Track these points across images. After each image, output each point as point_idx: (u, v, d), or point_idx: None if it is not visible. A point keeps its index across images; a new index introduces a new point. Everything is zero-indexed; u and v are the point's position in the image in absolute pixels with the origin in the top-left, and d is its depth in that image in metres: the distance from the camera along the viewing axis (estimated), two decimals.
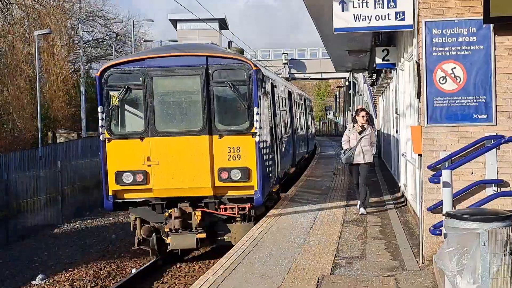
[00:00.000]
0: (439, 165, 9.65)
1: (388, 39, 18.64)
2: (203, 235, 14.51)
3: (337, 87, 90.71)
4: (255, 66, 14.70)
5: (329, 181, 22.66)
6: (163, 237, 14.82)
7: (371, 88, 37.88)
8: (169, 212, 14.50)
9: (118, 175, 14.47)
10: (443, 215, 7.56)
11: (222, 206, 14.66)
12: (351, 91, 54.36)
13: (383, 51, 18.33)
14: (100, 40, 54.67)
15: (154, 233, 14.94)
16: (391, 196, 18.26)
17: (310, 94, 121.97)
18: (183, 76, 14.47)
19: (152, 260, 15.68)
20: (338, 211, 15.83)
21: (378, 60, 18.54)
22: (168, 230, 14.52)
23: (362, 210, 15.18)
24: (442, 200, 8.54)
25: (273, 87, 17.83)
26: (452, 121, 9.75)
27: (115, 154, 14.52)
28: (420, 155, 10.10)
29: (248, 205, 14.65)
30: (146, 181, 14.42)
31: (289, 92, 23.46)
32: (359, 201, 15.45)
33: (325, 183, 22.06)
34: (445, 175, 8.37)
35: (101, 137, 14.59)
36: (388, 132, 24.04)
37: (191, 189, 14.42)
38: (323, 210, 16.10)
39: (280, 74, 57.42)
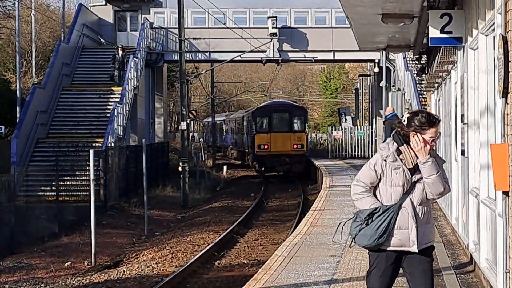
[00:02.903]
0: None
1: None
2: (289, 167, 40.82)
3: (359, 76, 59.98)
4: (306, 108, 54.24)
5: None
6: (276, 168, 41.60)
7: (416, 79, 27.63)
8: (278, 158, 40.40)
9: (259, 145, 41.35)
10: None
11: (294, 158, 41.04)
12: (383, 83, 37.47)
13: (442, 16, 11.06)
14: None
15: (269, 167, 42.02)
16: (456, 272, 10.25)
17: (313, 86, 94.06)
18: (283, 112, 42.47)
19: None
20: None
21: (434, 32, 11.22)
22: (278, 165, 40.75)
23: None
24: None
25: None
26: None
27: (258, 138, 41.43)
28: (505, 193, 6.86)
29: (302, 158, 41.34)
30: (269, 148, 41.01)
31: None
32: None
33: None
34: None
35: (252, 133, 42.17)
36: (446, 154, 15.25)
37: (284, 151, 40.79)
38: None
39: (265, 52, 40.44)
